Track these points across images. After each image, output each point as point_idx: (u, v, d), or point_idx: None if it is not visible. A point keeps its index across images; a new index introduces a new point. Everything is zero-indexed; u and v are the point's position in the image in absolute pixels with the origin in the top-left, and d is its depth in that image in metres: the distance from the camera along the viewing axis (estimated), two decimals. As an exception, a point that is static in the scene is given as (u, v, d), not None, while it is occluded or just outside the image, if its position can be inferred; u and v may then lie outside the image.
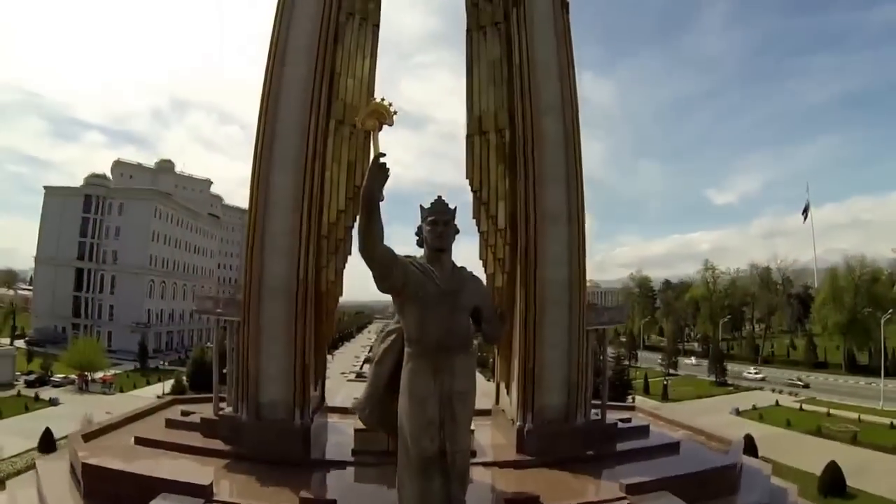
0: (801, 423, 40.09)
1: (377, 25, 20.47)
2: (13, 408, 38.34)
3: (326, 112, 18.26)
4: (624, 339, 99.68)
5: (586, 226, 18.69)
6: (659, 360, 77.63)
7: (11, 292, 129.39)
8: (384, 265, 6.47)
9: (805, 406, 46.50)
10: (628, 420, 20.91)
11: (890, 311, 61.16)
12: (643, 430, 19.65)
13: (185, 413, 19.73)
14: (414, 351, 6.68)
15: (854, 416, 42.01)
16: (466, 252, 19.75)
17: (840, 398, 50.62)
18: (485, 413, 20.18)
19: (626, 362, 77.16)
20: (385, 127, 6.74)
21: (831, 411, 43.58)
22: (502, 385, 19.70)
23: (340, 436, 18.40)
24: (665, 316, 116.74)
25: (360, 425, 14.31)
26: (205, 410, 20.27)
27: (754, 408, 46.55)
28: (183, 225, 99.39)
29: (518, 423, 17.37)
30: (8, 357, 50.38)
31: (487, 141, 20.25)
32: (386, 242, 6.31)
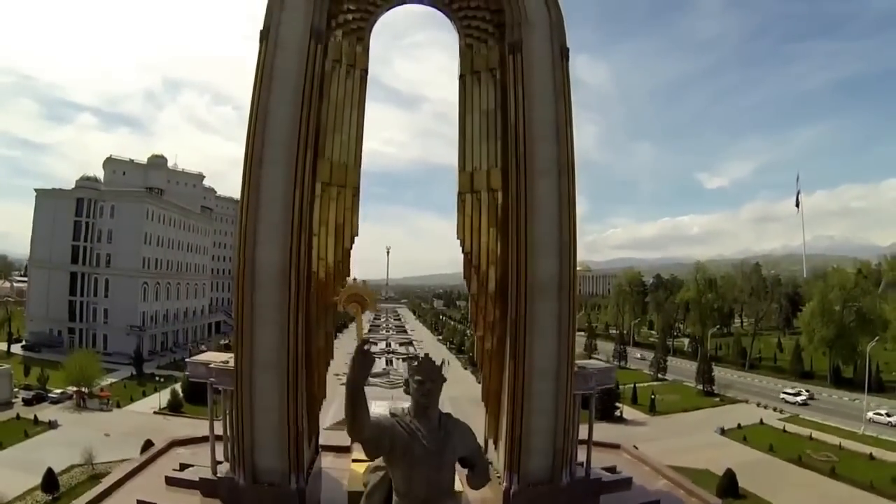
0: (783, 447, 41.02)
1: (366, 71, 20.01)
2: (13, 434, 38.61)
3: (312, 175, 17.92)
4: (614, 333, 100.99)
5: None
6: (649, 365, 78.61)
7: (7, 284, 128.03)
8: (373, 441, 6.93)
9: (788, 427, 47.39)
10: (612, 468, 21.65)
11: (878, 336, 62.26)
12: (626, 483, 20.41)
13: (183, 466, 20.31)
14: (402, 501, 7.23)
15: (836, 441, 42.88)
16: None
17: (823, 417, 51.71)
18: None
19: (616, 362, 78.51)
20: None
21: (813, 434, 44.48)
22: (490, 440, 20.16)
23: (335, 492, 19.06)
24: (656, 312, 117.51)
25: (356, 483, 14.45)
26: (202, 455, 20.71)
27: (739, 427, 47.56)
28: (175, 224, 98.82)
29: (504, 484, 17.98)
30: (4, 376, 50.28)
31: (479, 200, 19.94)
32: (382, 228, 6.68)
